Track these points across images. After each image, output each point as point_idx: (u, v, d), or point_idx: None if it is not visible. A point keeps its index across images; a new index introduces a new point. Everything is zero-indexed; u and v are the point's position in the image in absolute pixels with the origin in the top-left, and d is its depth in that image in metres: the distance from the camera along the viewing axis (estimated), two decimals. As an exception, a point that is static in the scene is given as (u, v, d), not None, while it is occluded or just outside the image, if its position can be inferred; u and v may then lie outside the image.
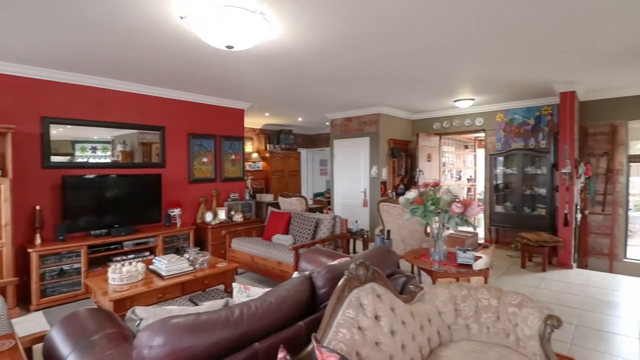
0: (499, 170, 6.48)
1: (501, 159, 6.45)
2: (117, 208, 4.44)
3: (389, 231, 4.16)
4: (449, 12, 2.66)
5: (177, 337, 1.15)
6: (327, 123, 7.97)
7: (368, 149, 6.88)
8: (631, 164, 5.51)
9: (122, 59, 3.69)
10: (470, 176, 9.46)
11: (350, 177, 7.20)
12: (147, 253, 4.51)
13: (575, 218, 5.07)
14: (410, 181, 7.38)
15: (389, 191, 6.90)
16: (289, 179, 9.08)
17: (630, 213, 5.59)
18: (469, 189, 9.35)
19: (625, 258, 5.44)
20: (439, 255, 2.78)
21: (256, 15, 2.56)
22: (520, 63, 4.03)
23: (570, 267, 4.99)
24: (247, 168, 8.04)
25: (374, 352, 1.53)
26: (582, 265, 5.49)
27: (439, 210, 2.61)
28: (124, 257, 4.24)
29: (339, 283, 1.64)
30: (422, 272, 4.01)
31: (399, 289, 2.20)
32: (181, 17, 2.64)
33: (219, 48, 2.85)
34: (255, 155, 8.77)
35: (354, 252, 5.48)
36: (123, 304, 2.78)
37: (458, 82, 4.96)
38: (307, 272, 1.86)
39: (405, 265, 4.53)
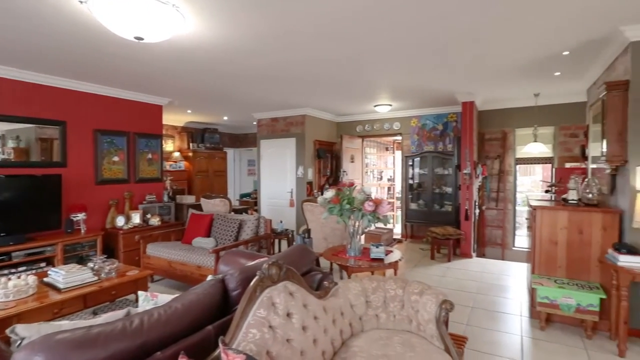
0: (415, 171, 7.06)
1: (415, 160, 7.03)
2: (6, 214, 3.84)
3: (309, 230, 4.26)
4: (369, 22, 2.83)
5: (62, 354, 1.05)
6: (254, 123, 7.87)
7: (294, 150, 6.95)
8: (518, 165, 6.43)
9: (14, 43, 3.21)
10: (391, 176, 10.14)
11: (277, 178, 7.21)
12: (43, 264, 3.98)
13: (475, 213, 5.76)
14: (335, 181, 7.64)
15: (315, 191, 7.07)
16: (214, 179, 8.75)
17: (518, 208, 6.51)
18: (389, 188, 10.01)
19: (514, 247, 6.33)
20: (354, 251, 2.95)
21: (168, 7, 2.44)
22: (431, 73, 4.44)
23: (471, 257, 5.65)
24: (168, 168, 7.56)
25: (285, 349, 1.57)
26: (481, 254, 6.25)
27: (353, 209, 2.77)
28: (13, 270, 3.69)
29: (251, 283, 1.64)
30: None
31: (314, 286, 2.27)
32: (80, 2, 2.39)
33: (127, 39, 2.64)
34: (176, 154, 8.28)
35: (279, 252, 5.50)
36: (9, 322, 2.42)
37: (378, 89, 5.29)
38: (220, 275, 1.83)
39: (325, 263, 4.70)
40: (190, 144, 8.49)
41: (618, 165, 3.17)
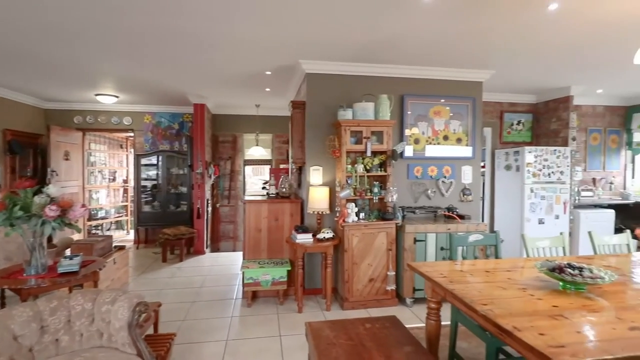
0: (149, 170, 6.61)
1: (149, 159, 6.60)
2: None
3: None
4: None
5: None
6: None
7: (-36, 141, 4.97)
8: (246, 166, 7.26)
9: None
10: (127, 177, 9.10)
11: None
12: None
13: (207, 211, 6.03)
14: (41, 183, 6.03)
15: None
16: None
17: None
18: (125, 191, 8.95)
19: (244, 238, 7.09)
20: (36, 269, 2.39)
21: None
22: (157, 70, 4.25)
23: (204, 253, 5.88)
24: None
25: None
26: (215, 249, 6.64)
27: (30, 215, 2.23)
28: None
29: None
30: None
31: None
32: None
33: None
34: None
35: None
36: None
37: (98, 75, 4.56)
38: None
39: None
40: None
41: (300, 166, 4.12)
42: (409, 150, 4.18)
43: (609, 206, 5.43)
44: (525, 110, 5.81)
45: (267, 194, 4.29)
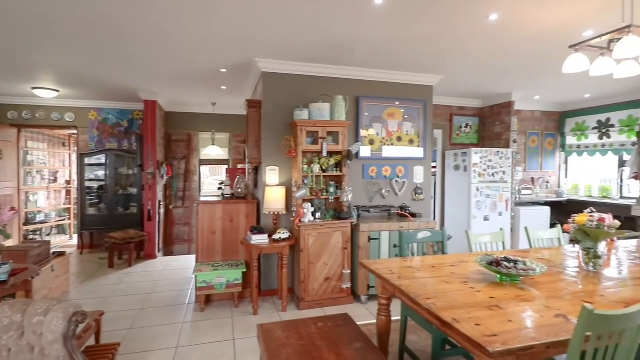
0: (95, 171, 6.19)
1: (96, 158, 6.19)
2: None
3: None
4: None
5: None
6: None
7: None
8: (202, 166, 7.04)
9: None
10: (70, 178, 8.44)
11: None
12: None
13: (159, 213, 5.77)
14: (-34, 185, 5.44)
15: None
16: None
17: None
18: (67, 192, 8.31)
19: (200, 240, 6.87)
20: (-46, 280, 2.15)
21: None
22: (101, 64, 3.99)
23: (155, 257, 5.61)
24: None
25: None
26: (168, 253, 6.36)
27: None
28: None
29: None
30: None
31: None
32: None
33: None
34: None
35: None
36: None
37: (35, 67, 4.19)
38: None
39: None
40: None
41: (257, 166, 4.06)
42: (364, 151, 4.27)
43: (546, 203, 5.90)
44: (473, 114, 6.16)
45: (222, 194, 4.18)
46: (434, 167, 5.85)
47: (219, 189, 5.40)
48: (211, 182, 8.88)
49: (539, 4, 2.57)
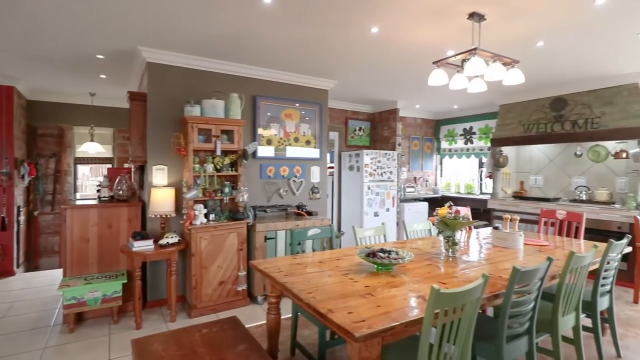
0: None
1: None
2: None
3: None
4: None
5: None
6: None
7: None
8: (79, 165, 6.12)
9: None
10: None
11: None
12: None
13: (19, 220, 4.82)
14: None
15: None
16: None
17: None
18: None
19: (77, 251, 5.95)
20: None
21: None
22: None
23: (13, 274, 4.68)
24: None
25: None
26: (32, 267, 5.37)
27: None
28: None
29: None
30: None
31: None
32: None
33: None
34: None
35: None
36: None
37: None
38: None
39: None
40: None
41: (142, 165, 3.70)
42: (263, 151, 4.24)
43: (425, 199, 6.70)
44: (365, 118, 6.66)
45: (99, 197, 3.70)
46: (332, 167, 6.14)
47: (98, 191, 4.78)
48: (93, 183, 7.79)
49: (413, 21, 2.89)
